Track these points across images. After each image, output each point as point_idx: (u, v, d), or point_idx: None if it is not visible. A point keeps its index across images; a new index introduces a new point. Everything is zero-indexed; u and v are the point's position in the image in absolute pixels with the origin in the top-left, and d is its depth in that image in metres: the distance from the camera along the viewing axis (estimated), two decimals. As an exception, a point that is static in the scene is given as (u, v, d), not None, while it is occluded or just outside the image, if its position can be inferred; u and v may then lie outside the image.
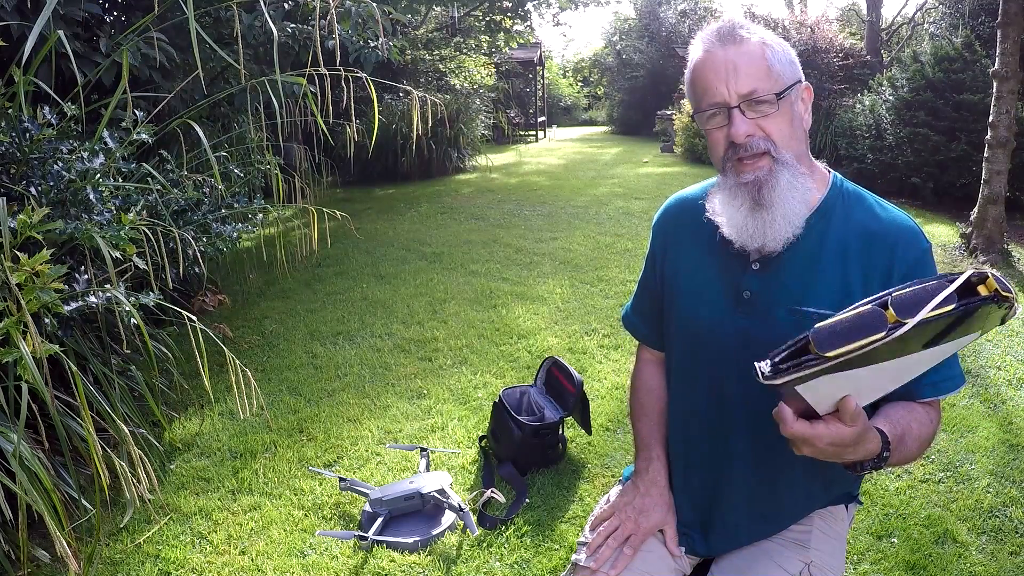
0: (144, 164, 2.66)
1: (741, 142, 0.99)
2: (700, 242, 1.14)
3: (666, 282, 1.22)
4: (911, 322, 0.68)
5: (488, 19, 13.10)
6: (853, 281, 1.02)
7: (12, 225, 1.72)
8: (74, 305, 1.96)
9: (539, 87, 19.14)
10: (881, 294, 0.71)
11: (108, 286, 1.93)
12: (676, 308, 1.19)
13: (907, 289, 0.70)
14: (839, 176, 1.11)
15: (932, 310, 0.68)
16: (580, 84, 28.52)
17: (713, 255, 1.12)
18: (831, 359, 0.69)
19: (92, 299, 1.99)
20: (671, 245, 1.22)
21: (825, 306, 1.02)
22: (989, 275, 0.70)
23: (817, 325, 0.72)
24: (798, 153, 1.02)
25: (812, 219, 1.05)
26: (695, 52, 1.04)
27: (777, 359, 0.73)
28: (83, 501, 2.01)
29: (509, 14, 13.07)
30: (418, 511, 2.13)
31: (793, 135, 1.01)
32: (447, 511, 2.13)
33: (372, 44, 4.34)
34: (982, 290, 0.69)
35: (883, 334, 0.68)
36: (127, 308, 1.86)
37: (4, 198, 1.78)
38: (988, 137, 5.21)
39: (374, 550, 1.99)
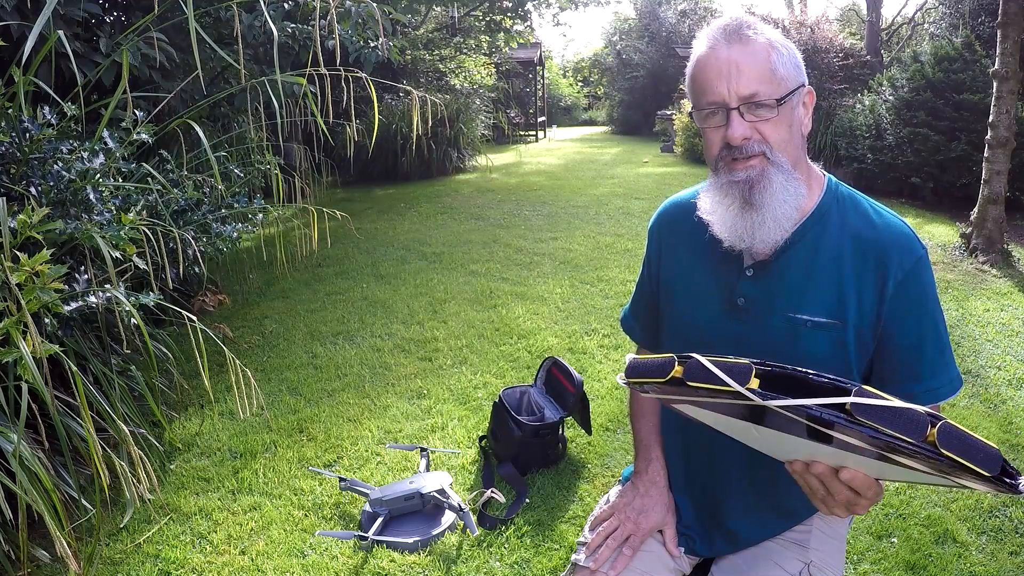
0: (144, 164, 2.66)
1: (737, 144, 0.98)
2: (695, 247, 1.13)
3: (661, 286, 1.22)
4: (739, 389, 0.67)
5: (488, 19, 13.10)
6: (847, 288, 1.01)
7: (12, 225, 1.72)
8: (74, 305, 1.96)
9: (539, 87, 19.13)
10: (844, 387, 0.67)
11: (108, 286, 1.93)
12: (671, 313, 1.19)
13: (825, 379, 0.67)
14: (834, 180, 1.09)
15: (794, 405, 0.65)
16: (580, 84, 28.51)
17: (708, 260, 1.11)
18: (630, 383, 0.79)
19: (92, 299, 1.99)
20: (666, 249, 1.21)
21: (819, 313, 1.02)
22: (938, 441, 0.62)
23: (630, 356, 0.81)
24: (795, 158, 1.01)
25: (807, 224, 1.04)
26: (699, 47, 1.02)
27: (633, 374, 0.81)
28: (83, 501, 2.01)
29: (509, 14, 13.06)
30: (418, 511, 2.13)
31: (791, 140, 1.00)
32: (447, 511, 2.13)
33: (372, 44, 4.34)
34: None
35: (664, 379, 0.74)
36: (127, 308, 1.86)
37: (4, 198, 1.78)
38: (988, 137, 5.21)
39: (374, 550, 1.99)
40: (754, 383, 0.68)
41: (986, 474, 0.61)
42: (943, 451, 0.61)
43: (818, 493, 0.81)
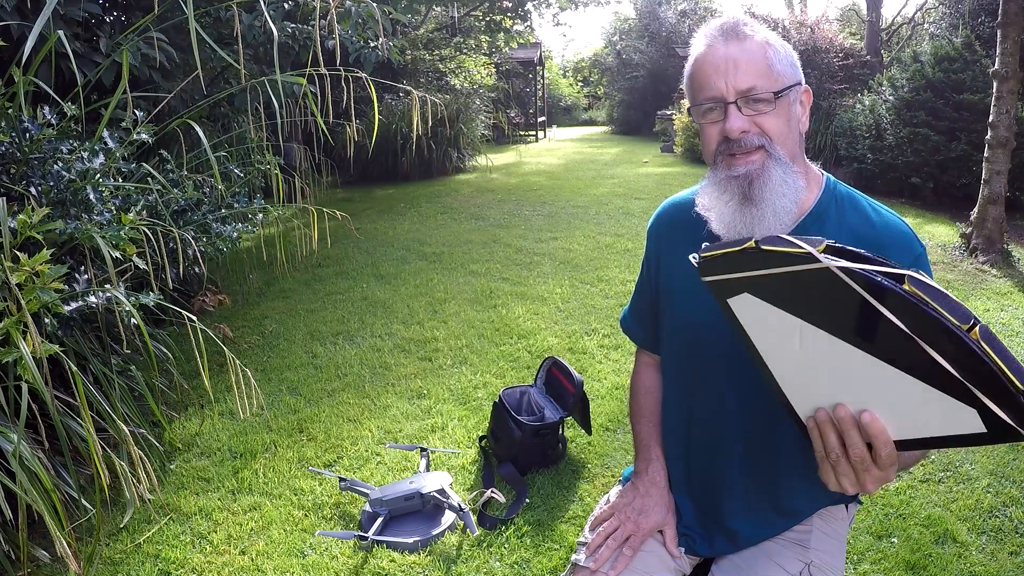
0: (144, 164, 2.66)
1: (735, 137, 0.99)
2: (694, 247, 1.13)
3: (661, 287, 1.22)
4: (821, 257, 0.68)
5: (488, 19, 13.11)
6: None
7: (12, 225, 1.72)
8: (74, 305, 1.96)
9: (539, 87, 19.13)
10: (898, 271, 0.69)
11: (108, 286, 1.93)
12: (670, 313, 1.19)
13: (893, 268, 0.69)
14: (832, 178, 1.10)
15: (855, 268, 0.66)
16: (580, 84, 28.53)
17: None
18: (704, 257, 0.80)
19: (92, 299, 1.99)
20: (665, 250, 1.21)
21: None
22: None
23: (705, 244, 0.82)
24: (793, 154, 1.02)
25: (805, 223, 1.05)
26: (697, 46, 1.03)
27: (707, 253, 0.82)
28: (83, 501, 2.01)
29: (509, 14, 13.07)
30: (418, 511, 2.13)
31: (789, 135, 1.01)
32: (447, 511, 2.13)
33: (372, 44, 4.34)
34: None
35: (739, 248, 0.75)
36: (127, 308, 1.87)
37: (4, 198, 1.78)
38: (988, 137, 5.21)
39: (374, 550, 1.99)
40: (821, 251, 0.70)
41: (1020, 386, 0.60)
42: (983, 345, 0.61)
43: (832, 452, 0.77)
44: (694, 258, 0.82)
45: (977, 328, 0.61)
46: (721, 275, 0.80)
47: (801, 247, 0.70)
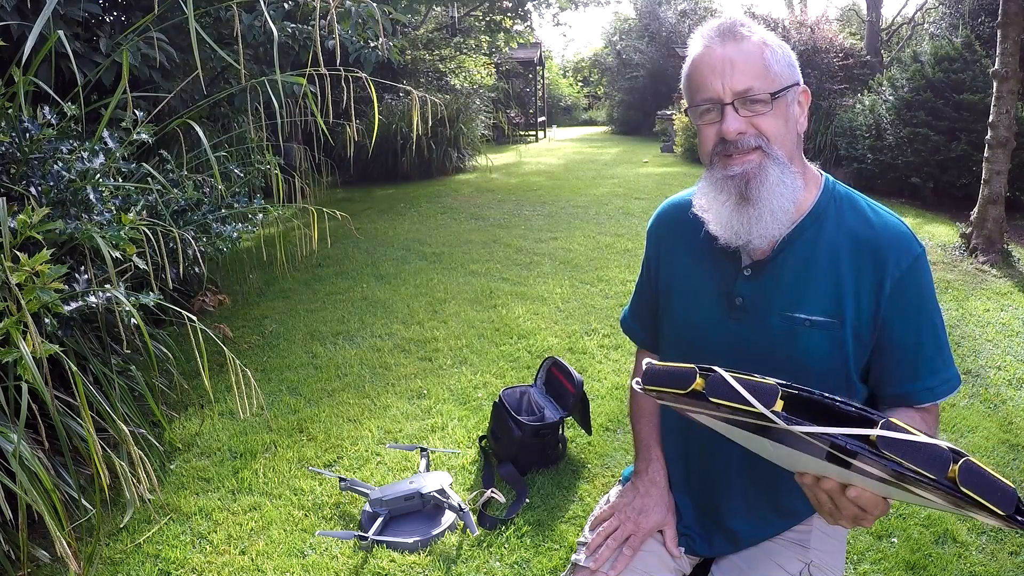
0: (144, 164, 2.66)
1: (732, 139, 0.98)
2: (693, 247, 1.13)
3: (660, 287, 1.22)
4: (763, 411, 0.65)
5: (488, 19, 13.11)
6: (845, 287, 1.01)
7: (12, 225, 1.72)
8: (74, 305, 1.96)
9: (539, 87, 19.13)
10: (864, 413, 0.66)
11: (108, 286, 1.93)
12: (670, 313, 1.19)
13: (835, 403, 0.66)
14: (831, 179, 1.10)
15: (818, 432, 0.64)
16: (580, 84, 28.53)
17: (706, 260, 1.11)
18: (647, 390, 0.75)
19: (92, 299, 1.99)
20: (664, 251, 1.22)
21: (817, 312, 1.02)
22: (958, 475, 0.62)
23: (649, 362, 0.77)
24: (790, 154, 1.01)
25: (804, 223, 1.04)
26: (694, 47, 1.03)
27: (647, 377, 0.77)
28: (83, 501, 2.01)
29: (509, 14, 13.07)
30: (418, 511, 2.13)
31: (787, 135, 1.01)
32: (447, 511, 2.13)
33: (372, 44, 4.34)
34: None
35: (684, 391, 0.71)
36: (127, 308, 1.86)
37: (4, 198, 1.78)
38: (988, 137, 5.21)
39: (374, 550, 1.99)
40: (779, 405, 0.67)
41: (1001, 513, 0.61)
42: (963, 489, 0.61)
43: (826, 506, 0.81)
44: (638, 384, 0.77)
45: (957, 468, 0.61)
46: (673, 403, 0.77)
47: (754, 406, 0.66)
